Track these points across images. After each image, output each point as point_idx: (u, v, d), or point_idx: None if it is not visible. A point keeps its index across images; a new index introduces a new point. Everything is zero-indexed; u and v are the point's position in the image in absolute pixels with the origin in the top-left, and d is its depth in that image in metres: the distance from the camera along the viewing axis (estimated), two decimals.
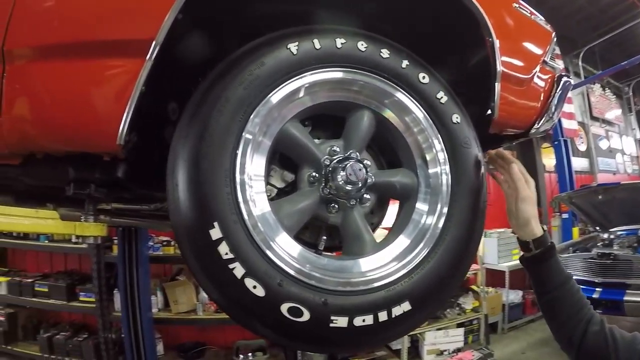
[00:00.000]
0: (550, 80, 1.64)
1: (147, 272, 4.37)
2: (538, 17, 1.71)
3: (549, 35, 1.69)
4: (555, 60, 1.75)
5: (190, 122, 1.05)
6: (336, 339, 1.07)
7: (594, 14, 11.24)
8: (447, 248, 1.19)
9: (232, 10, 1.26)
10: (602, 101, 13.37)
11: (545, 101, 1.61)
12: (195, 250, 1.01)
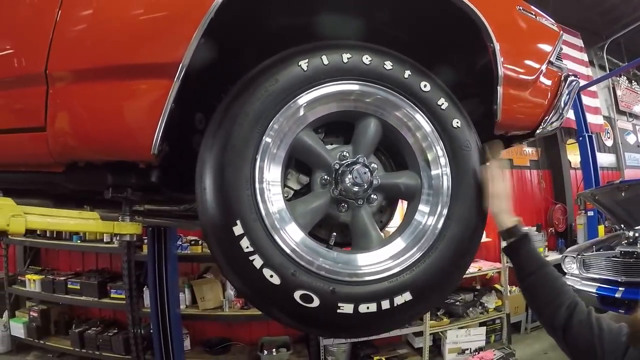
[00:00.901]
0: (556, 81, 1.69)
1: (175, 270, 4.47)
2: (544, 18, 1.76)
3: (555, 36, 1.73)
4: (561, 60, 1.79)
5: (215, 135, 1.19)
6: (343, 324, 1.19)
7: (616, 5, 10.85)
8: (447, 245, 1.29)
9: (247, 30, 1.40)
10: (629, 94, 12.98)
11: (551, 102, 1.66)
12: (220, 245, 1.15)
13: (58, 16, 1.24)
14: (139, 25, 1.24)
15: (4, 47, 1.32)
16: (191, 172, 1.24)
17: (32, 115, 1.28)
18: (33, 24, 1.28)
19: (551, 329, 1.31)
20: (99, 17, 1.26)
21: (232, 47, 1.40)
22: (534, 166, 8.61)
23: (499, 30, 1.43)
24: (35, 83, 1.26)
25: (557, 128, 1.73)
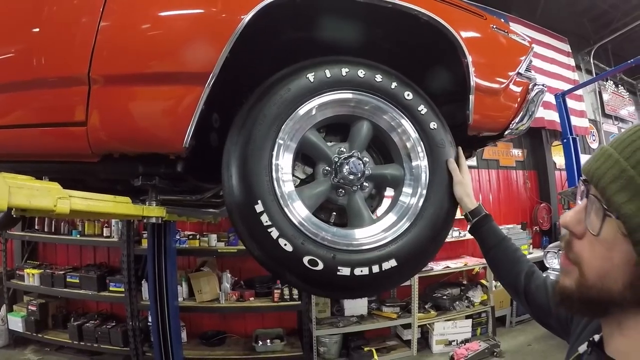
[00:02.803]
0: (525, 89, 1.92)
1: (174, 264, 4.50)
2: (516, 34, 1.99)
3: (525, 50, 1.97)
4: (530, 71, 2.03)
5: (240, 132, 1.45)
6: (341, 284, 1.46)
7: (606, 11, 10.96)
8: (425, 222, 1.56)
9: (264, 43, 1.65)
10: (615, 98, 13.14)
11: (519, 108, 1.90)
12: (244, 220, 1.42)
13: (99, 26, 1.45)
14: (177, 39, 1.48)
15: (53, 52, 1.52)
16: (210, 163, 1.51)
17: (74, 111, 1.49)
18: (78, 32, 1.48)
19: (515, 293, 1.49)
20: (138, 29, 1.48)
21: (250, 58, 1.65)
22: (520, 167, 8.84)
23: (471, 47, 1.69)
24: (79, 83, 1.46)
25: (525, 130, 1.99)
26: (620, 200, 0.72)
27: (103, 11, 1.46)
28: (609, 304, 0.78)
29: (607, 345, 0.84)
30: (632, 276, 0.72)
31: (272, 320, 6.13)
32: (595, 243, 0.77)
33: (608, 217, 0.75)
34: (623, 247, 0.73)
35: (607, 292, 0.76)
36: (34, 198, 1.22)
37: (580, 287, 0.80)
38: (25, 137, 1.56)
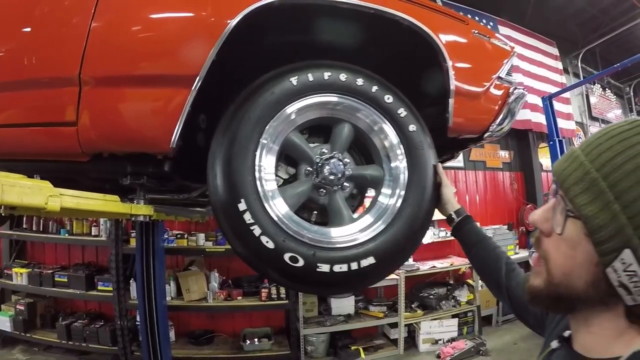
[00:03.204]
0: (505, 93, 1.98)
1: (162, 263, 4.52)
2: (498, 39, 2.04)
3: (506, 55, 2.03)
4: (511, 75, 2.08)
5: (225, 133, 1.50)
6: (321, 281, 1.51)
7: (595, 15, 11.07)
8: (403, 221, 1.61)
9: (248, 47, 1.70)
10: (603, 101, 13.27)
11: (498, 111, 1.96)
12: (227, 218, 1.47)
13: (90, 30, 1.49)
14: (165, 42, 1.53)
15: (45, 53, 1.56)
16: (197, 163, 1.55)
17: (65, 111, 1.53)
18: (69, 35, 1.53)
19: (497, 289, 1.53)
20: (127, 32, 1.54)
21: (235, 61, 1.69)
22: (506, 168, 8.93)
23: (452, 51, 1.75)
24: (70, 84, 1.51)
25: (505, 133, 2.04)
26: (582, 201, 0.75)
27: (94, 15, 1.50)
28: (574, 301, 0.81)
29: (574, 341, 0.88)
30: (594, 276, 0.75)
31: (260, 320, 6.16)
32: (561, 241, 0.80)
33: (570, 217, 0.78)
34: (585, 247, 0.75)
35: (572, 290, 0.79)
36: (26, 196, 1.25)
37: (547, 284, 0.83)
38: (17, 136, 1.60)
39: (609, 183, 0.72)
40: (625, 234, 0.70)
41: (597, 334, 0.82)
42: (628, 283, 0.72)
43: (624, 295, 0.74)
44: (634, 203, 0.69)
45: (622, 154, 0.72)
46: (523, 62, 10.00)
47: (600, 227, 0.72)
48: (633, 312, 0.76)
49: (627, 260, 0.70)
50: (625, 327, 0.78)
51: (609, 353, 0.78)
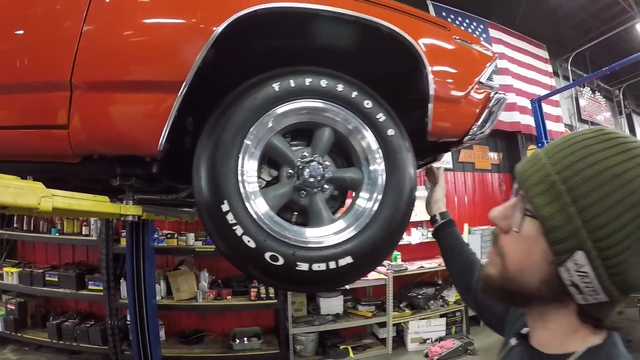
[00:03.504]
0: (485, 98, 2.03)
1: (152, 263, 4.53)
2: (479, 44, 2.10)
3: (488, 60, 2.08)
4: (492, 80, 2.14)
5: (209, 137, 1.56)
6: (300, 279, 1.57)
7: (585, 19, 11.23)
8: (380, 223, 1.67)
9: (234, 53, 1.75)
10: (592, 104, 13.40)
11: (478, 116, 2.01)
12: (211, 218, 1.53)
13: (80, 38, 1.54)
14: (152, 50, 1.58)
15: (38, 58, 1.61)
16: (184, 165, 1.61)
17: (57, 115, 1.58)
18: (61, 41, 1.57)
19: (466, 291, 1.60)
20: (116, 40, 1.59)
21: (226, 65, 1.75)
22: (495, 169, 9.03)
23: (431, 57, 1.81)
24: (62, 89, 1.56)
25: (485, 136, 2.09)
26: (540, 202, 0.78)
27: (83, 24, 1.55)
28: (528, 297, 0.86)
29: (532, 338, 0.92)
30: (548, 274, 0.80)
31: (249, 319, 6.22)
32: (518, 239, 0.84)
33: (528, 217, 0.82)
34: (541, 246, 0.79)
35: (525, 286, 0.84)
36: (19, 196, 1.30)
37: (501, 277, 0.88)
38: (10, 138, 1.64)
39: (567, 187, 0.76)
40: (579, 236, 0.74)
41: (553, 329, 0.86)
42: (580, 283, 0.76)
43: (575, 294, 0.78)
44: (589, 208, 0.73)
45: (582, 160, 0.76)
46: (513, 65, 10.10)
47: (555, 228, 0.76)
48: (584, 311, 0.81)
49: (579, 261, 0.74)
50: (579, 325, 0.83)
51: (564, 349, 0.82)
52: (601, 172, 0.74)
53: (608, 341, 0.82)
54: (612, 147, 0.76)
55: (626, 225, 0.71)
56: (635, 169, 0.73)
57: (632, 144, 0.77)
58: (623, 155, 0.75)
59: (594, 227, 0.73)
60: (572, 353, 0.80)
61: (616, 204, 0.72)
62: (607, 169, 0.74)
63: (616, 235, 0.72)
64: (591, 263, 0.74)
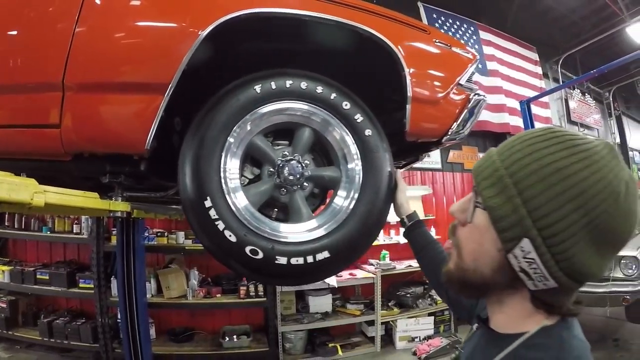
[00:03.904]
0: (464, 99, 2.10)
1: (143, 261, 4.56)
2: (460, 47, 2.17)
3: (467, 62, 2.15)
4: (471, 82, 2.21)
5: (194, 136, 1.65)
6: (279, 272, 1.65)
7: (576, 22, 11.33)
8: (357, 219, 1.75)
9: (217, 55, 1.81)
10: (582, 106, 13.52)
11: (457, 117, 2.08)
12: (195, 213, 1.61)
13: (72, 41, 1.61)
14: (141, 53, 1.66)
15: (32, 60, 1.67)
16: (171, 163, 1.68)
17: (49, 114, 1.64)
18: (53, 43, 1.64)
19: (439, 287, 1.66)
20: (106, 44, 1.65)
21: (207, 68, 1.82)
22: None
23: (410, 60, 1.89)
24: (54, 89, 1.62)
25: (463, 137, 2.18)
26: (488, 194, 0.84)
27: (75, 28, 1.61)
28: (484, 285, 0.91)
29: (491, 321, 0.99)
30: (499, 262, 0.85)
31: (239, 317, 6.27)
32: (473, 230, 0.90)
33: (478, 208, 0.88)
34: (491, 235, 0.85)
35: (480, 274, 0.89)
36: (13, 192, 1.36)
37: (459, 269, 0.95)
38: (4, 137, 1.69)
39: (514, 180, 0.82)
40: (524, 224, 0.79)
41: (509, 314, 0.92)
42: (528, 269, 0.82)
43: (525, 280, 0.84)
44: (534, 198, 0.79)
45: (529, 156, 0.82)
46: (502, 67, 10.19)
47: (502, 217, 0.82)
48: (536, 297, 0.87)
49: (525, 248, 0.80)
50: (533, 310, 0.89)
51: (518, 329, 0.88)
52: (545, 166, 0.80)
53: (561, 324, 0.87)
54: (557, 144, 0.82)
55: (568, 214, 0.77)
56: (578, 163, 0.79)
57: (576, 140, 0.82)
58: (567, 151, 0.80)
59: (538, 216, 0.79)
60: (525, 332, 0.86)
61: (559, 195, 0.78)
62: (551, 164, 0.80)
63: (559, 224, 0.77)
64: (537, 250, 0.79)
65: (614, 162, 0.81)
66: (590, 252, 0.79)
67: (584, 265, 0.79)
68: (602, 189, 0.77)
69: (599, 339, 6.11)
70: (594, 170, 0.78)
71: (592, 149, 0.81)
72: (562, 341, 0.84)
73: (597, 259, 0.80)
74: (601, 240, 0.79)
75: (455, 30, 9.39)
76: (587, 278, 0.82)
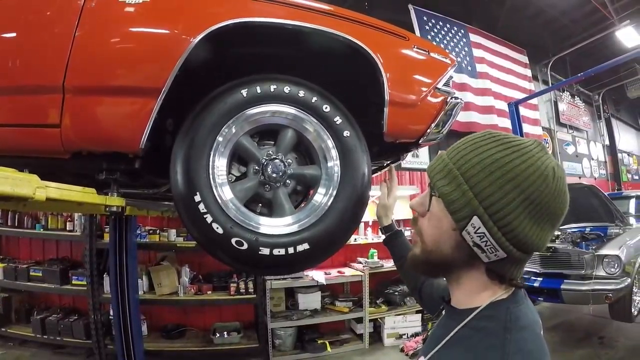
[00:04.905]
0: (441, 102, 2.23)
1: (135, 258, 4.68)
2: (438, 52, 2.29)
3: (445, 67, 2.27)
4: (449, 86, 2.33)
5: (184, 137, 1.77)
6: (262, 262, 1.77)
7: (566, 25, 11.54)
8: (335, 214, 1.88)
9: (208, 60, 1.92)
10: (571, 108, 13.66)
11: (433, 119, 2.21)
12: (185, 208, 1.73)
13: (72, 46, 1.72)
14: (136, 59, 1.78)
15: (34, 64, 1.78)
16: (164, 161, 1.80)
17: (50, 115, 1.75)
18: (54, 48, 1.75)
19: (416, 290, 1.78)
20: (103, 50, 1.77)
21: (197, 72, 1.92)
22: None
23: (388, 65, 2.02)
24: (55, 92, 1.73)
25: (440, 138, 2.31)
26: (441, 184, 1.00)
27: (75, 33, 1.73)
28: (446, 264, 1.06)
29: (452, 299, 1.13)
30: (456, 240, 1.00)
31: (229, 314, 6.37)
32: (431, 217, 1.05)
33: (434, 196, 1.04)
34: (447, 218, 1.00)
35: (442, 254, 1.04)
36: (17, 187, 1.47)
37: (422, 252, 1.09)
38: (7, 135, 1.80)
39: (460, 171, 0.97)
40: (472, 204, 0.95)
41: (466, 289, 1.06)
42: (480, 243, 0.96)
43: (479, 253, 0.98)
44: (478, 183, 0.94)
45: (471, 152, 0.98)
46: (492, 69, 10.35)
47: (453, 201, 0.97)
48: (490, 268, 1.01)
49: (475, 224, 0.95)
50: (487, 282, 1.03)
51: (472, 304, 1.03)
52: (485, 158, 0.95)
53: (511, 298, 1.01)
54: (495, 141, 0.98)
55: (508, 194, 0.92)
56: (511, 155, 0.94)
57: (510, 139, 0.98)
58: (502, 146, 0.96)
59: (483, 197, 0.94)
60: (478, 307, 1.00)
61: (498, 179, 0.93)
62: (490, 156, 0.95)
63: (501, 201, 0.92)
64: (485, 225, 0.93)
65: (541, 153, 0.96)
66: (530, 224, 0.93)
67: (526, 235, 0.93)
68: (533, 172, 0.92)
69: (584, 337, 6.25)
70: (525, 159, 0.93)
71: (523, 144, 0.97)
72: (510, 312, 0.97)
73: (537, 231, 0.94)
74: (538, 215, 0.93)
75: (445, 32, 9.53)
76: (531, 247, 0.96)
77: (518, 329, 0.94)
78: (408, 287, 1.91)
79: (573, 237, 6.41)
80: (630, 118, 18.03)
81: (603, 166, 15.27)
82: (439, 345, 1.02)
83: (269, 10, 1.88)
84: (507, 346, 0.90)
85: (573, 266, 5.83)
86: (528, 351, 0.91)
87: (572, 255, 5.88)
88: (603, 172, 15.13)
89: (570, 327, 6.72)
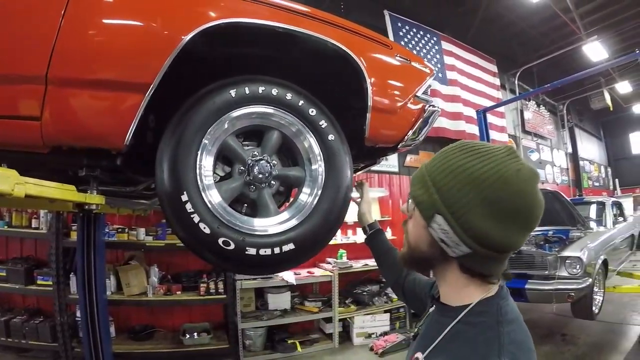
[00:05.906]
0: (420, 110, 2.30)
1: (103, 257, 4.41)
2: (418, 62, 2.35)
3: (424, 76, 2.34)
4: (428, 94, 2.40)
5: (172, 135, 1.76)
6: (249, 262, 1.79)
7: (535, 37, 12.01)
8: (319, 215, 1.92)
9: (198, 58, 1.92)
10: (536, 117, 14.10)
11: (412, 125, 2.28)
12: (172, 207, 1.72)
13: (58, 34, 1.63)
14: (126, 52, 1.71)
15: (17, 53, 1.67)
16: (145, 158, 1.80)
17: (30, 107, 1.67)
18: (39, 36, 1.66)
19: (397, 286, 1.85)
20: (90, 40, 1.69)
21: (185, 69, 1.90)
22: None
23: (371, 72, 2.07)
24: (36, 82, 1.63)
25: (417, 143, 2.40)
26: (415, 189, 1.12)
27: (61, 22, 1.65)
28: (427, 260, 1.16)
29: (441, 296, 1.20)
30: (428, 237, 1.09)
31: (199, 315, 6.29)
32: (413, 220, 1.15)
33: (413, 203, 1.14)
34: (421, 219, 1.10)
35: (421, 250, 1.14)
36: None
37: (409, 250, 1.19)
38: None
39: (431, 178, 1.07)
40: (435, 204, 1.04)
41: (450, 284, 1.14)
42: (445, 238, 1.05)
43: (445, 248, 1.07)
44: (443, 187, 1.04)
45: (442, 160, 1.08)
46: (462, 77, 10.55)
47: (421, 202, 1.08)
48: (462, 264, 1.09)
49: (439, 221, 1.04)
50: (468, 279, 1.10)
51: (462, 301, 1.09)
52: (452, 164, 1.05)
53: (499, 294, 1.09)
54: (462, 150, 1.07)
55: (467, 194, 1.00)
56: (474, 160, 1.02)
57: (479, 146, 1.06)
58: (468, 153, 1.05)
59: (445, 198, 1.03)
60: (469, 304, 1.07)
61: (460, 182, 1.02)
62: (455, 162, 1.04)
63: (460, 201, 1.01)
64: (448, 222, 1.02)
65: (507, 158, 1.02)
66: (491, 222, 0.99)
67: (486, 232, 1.00)
68: (492, 175, 0.99)
69: (548, 334, 6.51)
70: (487, 163, 1.01)
71: (490, 150, 1.05)
72: (500, 307, 1.05)
73: (500, 229, 1.00)
74: (499, 214, 0.99)
75: (418, 39, 9.68)
76: (496, 245, 1.03)
77: (508, 322, 1.02)
78: (388, 283, 1.99)
79: (537, 239, 6.68)
80: (592, 128, 18.76)
81: (565, 173, 15.84)
82: (436, 341, 1.09)
83: (261, 12, 1.88)
84: (502, 338, 0.98)
85: (537, 267, 6.07)
86: (520, 341, 1.00)
87: (535, 257, 6.12)
88: (565, 179, 15.68)
89: (534, 324, 6.93)
